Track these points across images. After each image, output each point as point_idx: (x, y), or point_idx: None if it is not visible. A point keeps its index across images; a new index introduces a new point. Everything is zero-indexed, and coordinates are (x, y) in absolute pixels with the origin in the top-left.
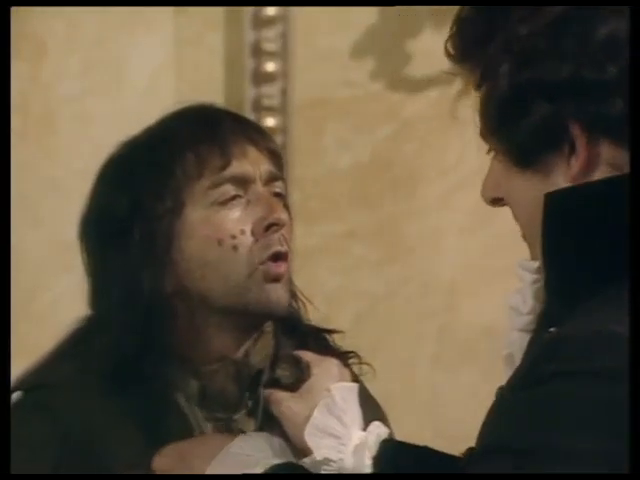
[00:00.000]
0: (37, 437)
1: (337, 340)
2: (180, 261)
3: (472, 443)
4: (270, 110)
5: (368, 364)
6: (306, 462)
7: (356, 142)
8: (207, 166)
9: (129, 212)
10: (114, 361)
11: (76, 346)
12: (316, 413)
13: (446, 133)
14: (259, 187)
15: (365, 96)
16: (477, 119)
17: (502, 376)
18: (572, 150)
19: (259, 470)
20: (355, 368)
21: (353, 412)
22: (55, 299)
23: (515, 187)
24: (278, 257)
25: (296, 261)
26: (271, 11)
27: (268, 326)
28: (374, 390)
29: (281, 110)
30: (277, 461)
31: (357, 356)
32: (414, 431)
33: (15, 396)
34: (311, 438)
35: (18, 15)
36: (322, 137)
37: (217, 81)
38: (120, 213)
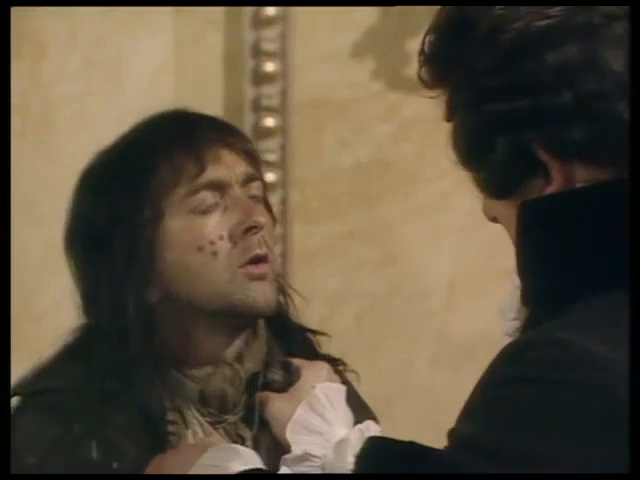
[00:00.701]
0: (51, 439)
1: (323, 343)
2: (164, 270)
3: None
4: (270, 110)
5: (354, 371)
6: (287, 458)
7: (356, 142)
8: (182, 174)
9: (109, 224)
10: (110, 368)
11: (75, 353)
12: (299, 410)
13: (445, 133)
14: (236, 191)
15: (365, 96)
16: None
17: None
18: (547, 174)
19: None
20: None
21: (337, 411)
22: (55, 300)
23: (498, 213)
24: (258, 260)
25: (296, 261)
26: (271, 11)
27: (262, 329)
28: (373, 390)
29: (281, 110)
30: (244, 467)
31: (343, 363)
32: (413, 432)
33: (18, 400)
34: (292, 435)
35: (18, 15)
36: (322, 137)
37: (217, 81)
38: (100, 225)
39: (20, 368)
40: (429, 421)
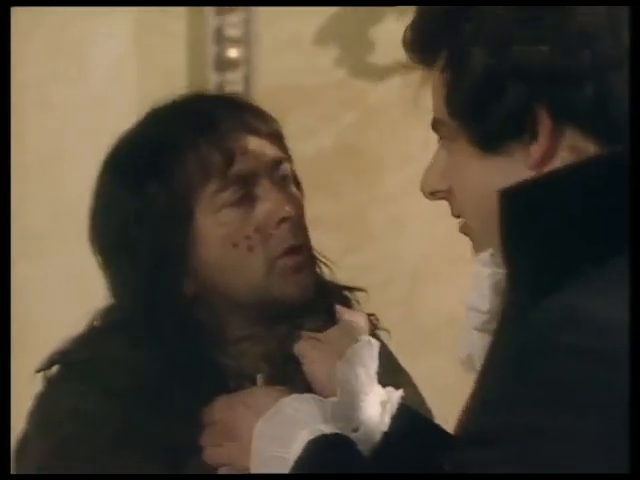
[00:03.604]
0: (96, 410)
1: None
2: (198, 267)
3: None
4: None
5: (386, 330)
6: (334, 401)
7: (320, 129)
8: (210, 169)
9: (136, 222)
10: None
11: (113, 328)
12: (350, 352)
13: (410, 120)
14: (265, 179)
15: (329, 83)
16: (436, 104)
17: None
18: (534, 137)
19: (306, 434)
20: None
21: (375, 366)
22: (15, 288)
23: (468, 175)
24: (293, 250)
25: None
26: None
27: None
28: None
29: (244, 97)
30: (325, 427)
31: (377, 319)
32: None
33: (58, 369)
34: (342, 370)
35: None
36: (286, 124)
37: (180, 67)
38: (127, 222)
39: None
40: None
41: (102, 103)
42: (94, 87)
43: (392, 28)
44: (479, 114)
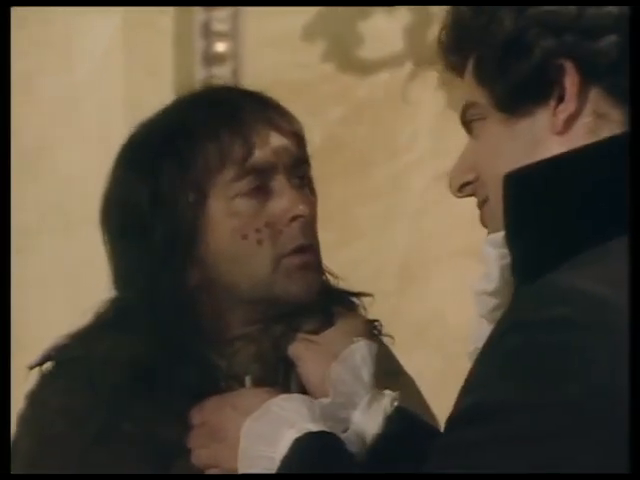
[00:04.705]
0: (81, 407)
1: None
2: (205, 256)
3: None
4: None
5: (390, 336)
6: (323, 402)
7: (307, 124)
8: (229, 157)
9: (150, 205)
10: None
11: (111, 325)
12: (345, 354)
13: (398, 115)
14: (282, 176)
15: (316, 78)
16: (467, 89)
17: (453, 358)
18: (560, 99)
19: (293, 432)
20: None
21: (370, 368)
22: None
23: (496, 149)
24: (302, 249)
25: None
26: None
27: None
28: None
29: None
30: (312, 426)
31: (381, 324)
32: None
33: (52, 365)
34: (335, 371)
35: None
36: None
37: (167, 62)
38: (141, 206)
39: None
40: None
41: (90, 97)
42: (82, 81)
43: (380, 23)
44: (508, 70)
